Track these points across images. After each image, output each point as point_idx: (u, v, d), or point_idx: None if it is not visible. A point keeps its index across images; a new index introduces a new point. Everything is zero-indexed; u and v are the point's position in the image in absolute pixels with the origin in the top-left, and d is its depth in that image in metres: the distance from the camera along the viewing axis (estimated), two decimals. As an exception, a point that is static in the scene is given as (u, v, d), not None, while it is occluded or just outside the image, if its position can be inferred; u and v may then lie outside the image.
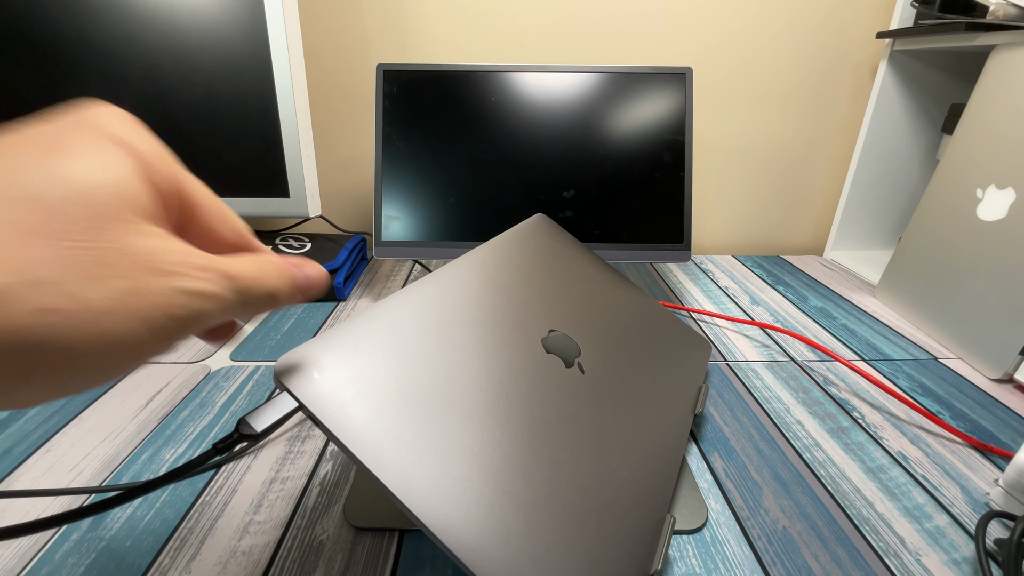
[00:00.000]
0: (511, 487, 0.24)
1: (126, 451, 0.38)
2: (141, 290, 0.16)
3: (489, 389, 0.27)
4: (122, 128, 0.18)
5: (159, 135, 0.19)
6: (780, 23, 0.73)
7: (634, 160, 0.59)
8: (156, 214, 0.18)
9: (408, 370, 0.25)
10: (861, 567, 0.30)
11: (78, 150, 0.17)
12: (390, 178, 0.59)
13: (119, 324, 0.16)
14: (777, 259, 0.79)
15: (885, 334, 0.57)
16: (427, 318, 0.28)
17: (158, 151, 0.19)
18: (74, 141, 0.17)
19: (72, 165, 0.16)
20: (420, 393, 0.25)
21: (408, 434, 0.23)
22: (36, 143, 0.16)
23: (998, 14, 0.54)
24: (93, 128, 0.18)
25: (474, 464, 0.24)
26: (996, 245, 0.50)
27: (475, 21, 0.72)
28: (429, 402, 0.25)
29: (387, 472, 0.21)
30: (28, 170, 0.15)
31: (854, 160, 0.75)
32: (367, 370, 0.24)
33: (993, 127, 0.53)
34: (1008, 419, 0.43)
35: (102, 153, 0.17)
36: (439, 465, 0.23)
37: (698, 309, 0.59)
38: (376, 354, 0.25)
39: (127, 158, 0.18)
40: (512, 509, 0.23)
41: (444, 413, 0.25)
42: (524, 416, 0.27)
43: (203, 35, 0.56)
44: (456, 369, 0.27)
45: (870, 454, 0.39)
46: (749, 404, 0.45)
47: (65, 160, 0.16)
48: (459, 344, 0.28)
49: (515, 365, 0.29)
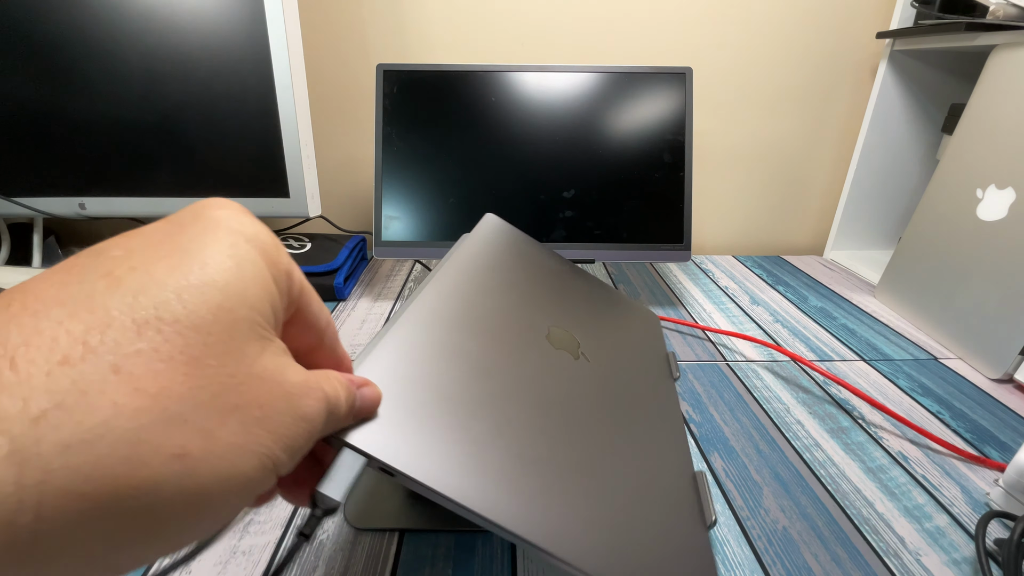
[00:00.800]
0: (579, 483, 0.25)
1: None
2: (269, 419, 0.15)
3: (528, 398, 0.28)
4: (245, 221, 0.17)
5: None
6: (780, 23, 0.73)
7: (634, 160, 0.59)
8: (279, 317, 0.17)
9: (453, 391, 0.25)
10: (861, 567, 0.30)
11: (210, 253, 0.15)
12: (390, 178, 0.59)
13: (243, 461, 0.14)
14: (777, 259, 0.79)
15: (885, 334, 0.57)
16: (444, 336, 0.27)
17: (276, 241, 0.17)
18: (205, 243, 0.15)
19: (206, 273, 0.14)
20: (471, 411, 0.24)
21: (479, 458, 0.23)
22: (163, 249, 0.15)
23: (998, 14, 0.54)
24: (217, 225, 0.16)
25: (543, 471, 0.24)
26: (996, 245, 0.50)
27: (475, 21, 0.72)
28: (483, 418, 0.24)
29: (487, 505, 0.21)
30: (159, 283, 0.13)
31: (854, 160, 0.75)
32: (416, 401, 0.23)
33: (993, 127, 0.53)
34: (1008, 419, 0.43)
35: (235, 252, 0.15)
36: (519, 480, 0.23)
37: (714, 328, 0.58)
38: (416, 383, 0.24)
39: (258, 257, 0.16)
40: (589, 504, 0.24)
41: (499, 427, 0.25)
42: (564, 415, 0.28)
43: (203, 35, 0.56)
44: (495, 382, 0.27)
45: (870, 454, 0.39)
46: (749, 404, 0.45)
47: (197, 267, 0.14)
48: (487, 357, 0.28)
49: (540, 369, 0.30)
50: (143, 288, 0.13)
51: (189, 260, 0.14)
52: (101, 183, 0.60)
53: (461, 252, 0.35)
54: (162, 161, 0.59)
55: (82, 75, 0.56)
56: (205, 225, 0.16)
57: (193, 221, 0.16)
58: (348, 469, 0.19)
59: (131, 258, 0.14)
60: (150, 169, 0.60)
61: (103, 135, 0.58)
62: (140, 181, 0.60)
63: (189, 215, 0.16)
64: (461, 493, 0.21)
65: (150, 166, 0.59)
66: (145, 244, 0.15)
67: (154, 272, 0.14)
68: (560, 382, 0.30)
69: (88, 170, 0.60)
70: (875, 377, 0.49)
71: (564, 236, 0.59)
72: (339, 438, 0.19)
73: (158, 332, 0.13)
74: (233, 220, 0.16)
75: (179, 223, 0.16)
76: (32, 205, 0.60)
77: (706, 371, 0.49)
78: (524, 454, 0.24)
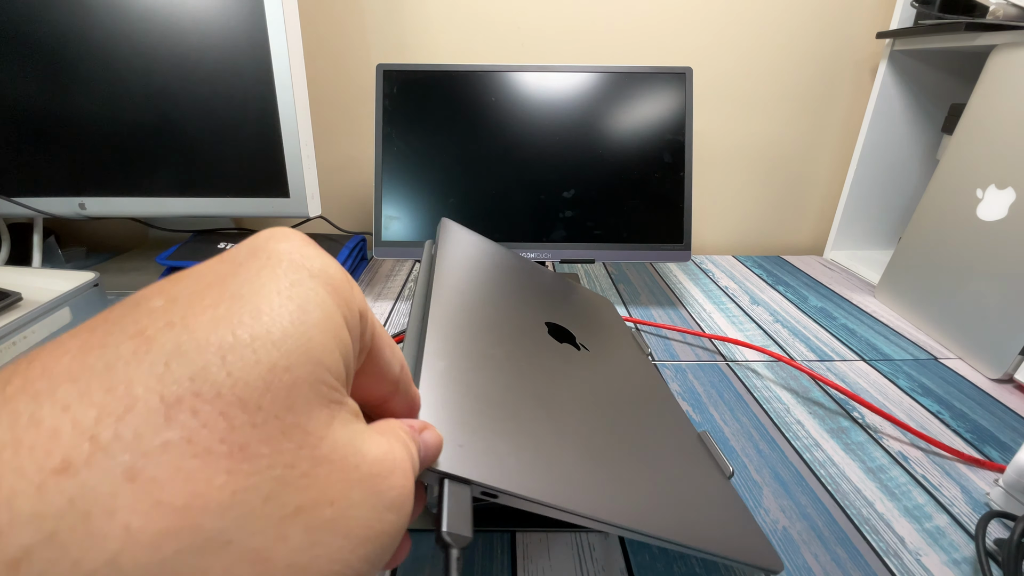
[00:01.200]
0: (631, 463, 0.26)
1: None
2: (344, 519, 0.12)
3: (562, 393, 0.29)
4: (310, 254, 0.14)
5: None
6: (780, 23, 0.73)
7: (634, 160, 0.59)
8: (351, 369, 0.14)
9: (504, 400, 0.25)
10: (861, 567, 0.30)
11: (266, 296, 0.12)
12: (390, 178, 0.59)
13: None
14: (777, 259, 0.79)
15: (885, 334, 0.57)
16: (471, 347, 0.27)
17: (347, 275, 0.15)
18: (261, 284, 0.12)
19: (259, 323, 0.11)
20: (529, 416, 0.25)
21: (558, 461, 0.23)
22: (211, 296, 0.12)
23: (998, 14, 0.54)
24: (277, 260, 0.13)
25: (604, 458, 0.25)
26: (996, 245, 0.50)
27: (475, 21, 0.72)
28: (540, 420, 0.25)
29: (590, 506, 0.21)
30: (200, 343, 0.11)
31: (854, 160, 0.75)
32: (483, 417, 0.22)
33: (993, 127, 0.53)
34: (1008, 419, 0.43)
35: (297, 292, 0.13)
36: (593, 473, 0.24)
37: (722, 336, 0.58)
38: (472, 400, 0.23)
39: (327, 295, 0.13)
40: (647, 480, 0.26)
41: (557, 427, 0.25)
42: (593, 403, 0.30)
43: (203, 35, 0.56)
44: (530, 384, 0.28)
45: (870, 454, 0.39)
46: (749, 404, 0.45)
47: (248, 317, 0.11)
48: (513, 361, 0.28)
49: (557, 363, 0.31)
50: (179, 350, 0.10)
51: (239, 308, 0.12)
52: (101, 183, 0.60)
53: (446, 264, 0.35)
54: (162, 161, 0.59)
55: (82, 75, 0.56)
56: (263, 262, 0.13)
57: (250, 257, 0.13)
58: (460, 500, 0.18)
59: (171, 310, 0.11)
60: (150, 169, 0.60)
61: (103, 135, 0.58)
62: (140, 181, 0.60)
63: (246, 250, 0.14)
64: (566, 500, 0.21)
65: (150, 166, 0.59)
66: (191, 290, 0.12)
67: (195, 328, 0.11)
68: (576, 373, 0.32)
69: (88, 170, 0.60)
70: (875, 377, 0.49)
71: (564, 236, 0.59)
72: (437, 470, 0.18)
73: (193, 414, 0.10)
74: (296, 253, 0.14)
75: (234, 261, 0.13)
76: (32, 205, 0.60)
77: (706, 371, 0.49)
78: (585, 446, 0.25)
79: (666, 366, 0.50)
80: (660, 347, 0.54)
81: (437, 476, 0.18)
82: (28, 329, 0.47)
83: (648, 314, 0.60)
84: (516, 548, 0.31)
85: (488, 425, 0.22)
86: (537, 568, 0.30)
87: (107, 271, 0.67)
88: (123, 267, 0.69)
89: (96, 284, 0.55)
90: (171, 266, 0.60)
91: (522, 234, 0.59)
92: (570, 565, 0.30)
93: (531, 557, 0.31)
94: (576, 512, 0.21)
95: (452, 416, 0.21)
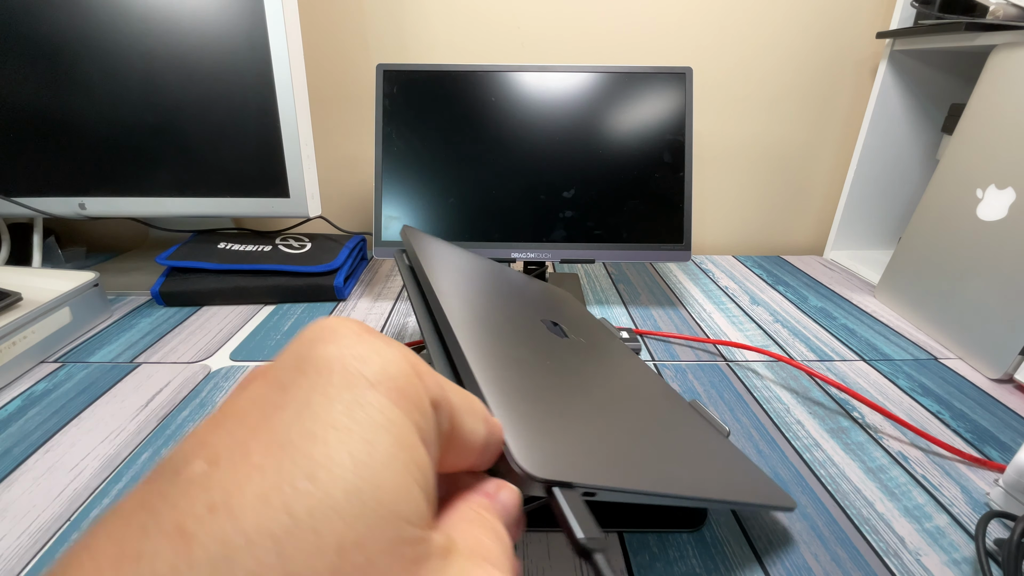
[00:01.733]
0: (664, 440, 0.28)
1: (126, 451, 0.38)
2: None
3: (589, 383, 0.29)
4: (364, 354, 0.12)
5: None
6: (780, 23, 0.73)
7: (634, 160, 0.59)
8: (431, 486, 0.12)
9: (551, 400, 0.25)
10: (861, 567, 0.30)
11: (323, 442, 0.10)
12: (390, 178, 0.59)
13: None
14: (777, 259, 0.79)
15: (885, 334, 0.57)
16: (501, 353, 0.27)
17: (411, 364, 0.13)
18: (314, 420, 0.11)
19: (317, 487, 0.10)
20: (578, 413, 0.25)
21: (623, 448, 0.24)
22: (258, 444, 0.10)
23: (998, 14, 0.54)
24: (329, 375, 0.12)
25: (648, 439, 0.27)
26: (996, 245, 0.50)
27: (475, 21, 0.72)
28: (589, 413, 0.26)
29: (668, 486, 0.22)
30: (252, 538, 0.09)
31: (854, 160, 0.75)
32: (550, 420, 0.22)
33: (993, 127, 0.53)
34: (1008, 419, 0.43)
35: (360, 417, 0.11)
36: (649, 452, 0.25)
37: (723, 341, 0.58)
38: (531, 406, 0.23)
39: (393, 409, 0.12)
40: (678, 452, 0.27)
41: (607, 418, 0.26)
42: (612, 389, 0.31)
43: (203, 35, 0.56)
44: (563, 380, 0.28)
45: (870, 454, 0.39)
46: (749, 404, 0.45)
47: (303, 479, 0.10)
48: (537, 359, 0.28)
49: (569, 356, 0.32)
50: (226, 557, 0.09)
51: (291, 465, 0.10)
52: (101, 183, 0.60)
53: (439, 274, 0.34)
54: (162, 161, 0.59)
55: (82, 75, 0.56)
56: (312, 380, 0.12)
57: (297, 375, 0.12)
58: (576, 504, 0.18)
59: (213, 479, 0.10)
60: (150, 169, 0.60)
61: (103, 135, 0.58)
62: (140, 181, 0.60)
63: (292, 363, 0.12)
64: (652, 484, 0.22)
65: (150, 166, 0.59)
66: (234, 440, 0.10)
67: (242, 512, 0.09)
68: (587, 363, 0.33)
69: (88, 170, 0.60)
70: (875, 377, 0.49)
71: (564, 236, 0.59)
72: (541, 478, 0.18)
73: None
74: (348, 357, 0.12)
75: (279, 383, 0.12)
76: (32, 205, 0.60)
77: (706, 371, 0.49)
78: (630, 430, 0.26)
79: (666, 366, 0.50)
80: (660, 347, 0.54)
81: (543, 485, 0.18)
82: (28, 329, 0.47)
83: (648, 314, 0.60)
84: (516, 548, 0.31)
85: (559, 426, 0.22)
86: (537, 568, 0.30)
87: (107, 271, 0.67)
88: (123, 267, 0.69)
89: (96, 284, 0.55)
90: (171, 266, 0.60)
91: (522, 234, 0.59)
92: (570, 565, 0.30)
93: (531, 557, 0.31)
94: (665, 494, 0.22)
95: (529, 426, 0.21)
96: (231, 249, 0.62)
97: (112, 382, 0.46)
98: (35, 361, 0.48)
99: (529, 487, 0.18)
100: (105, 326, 0.55)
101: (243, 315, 0.58)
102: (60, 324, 0.51)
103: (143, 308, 0.59)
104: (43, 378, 0.46)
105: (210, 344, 0.52)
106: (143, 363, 0.49)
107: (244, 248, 0.63)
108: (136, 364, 0.48)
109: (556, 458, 0.19)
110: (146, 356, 0.50)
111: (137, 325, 0.56)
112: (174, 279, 0.60)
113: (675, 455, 0.27)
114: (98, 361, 0.49)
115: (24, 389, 0.45)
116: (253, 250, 0.63)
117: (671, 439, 0.28)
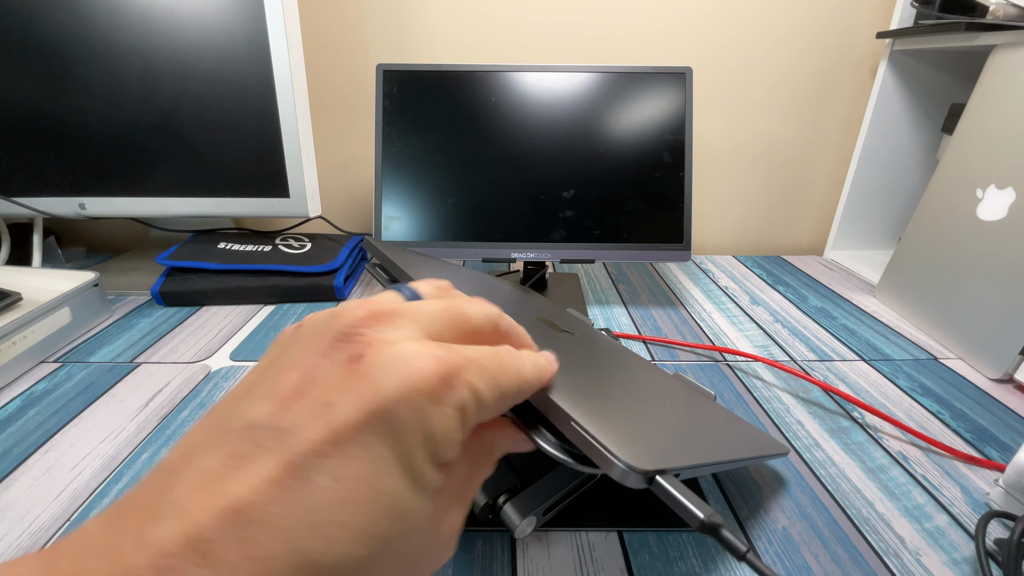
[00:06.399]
0: (676, 415, 0.29)
1: (126, 451, 0.38)
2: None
3: (602, 374, 0.30)
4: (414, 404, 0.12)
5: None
6: (780, 23, 0.73)
7: (634, 160, 0.59)
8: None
9: (595, 391, 0.26)
10: (861, 567, 0.30)
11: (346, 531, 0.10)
12: (390, 178, 0.59)
13: None
14: (777, 259, 0.79)
15: (885, 334, 0.57)
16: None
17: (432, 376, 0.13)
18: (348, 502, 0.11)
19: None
20: (615, 399, 0.26)
21: (666, 430, 0.25)
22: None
23: (998, 14, 0.54)
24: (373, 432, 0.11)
25: (665, 415, 0.28)
26: (996, 245, 0.50)
27: (475, 21, 0.72)
28: (623, 400, 0.27)
29: (710, 455, 0.24)
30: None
31: (854, 160, 0.75)
32: (607, 412, 0.23)
33: (993, 127, 0.53)
34: (1008, 419, 0.43)
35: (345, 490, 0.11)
36: (673, 427, 0.27)
37: (731, 349, 0.58)
38: (589, 400, 0.23)
39: (380, 464, 0.11)
40: (693, 424, 0.29)
41: (635, 404, 0.28)
42: (626, 377, 0.32)
43: (203, 35, 0.56)
44: (595, 373, 0.29)
45: (870, 454, 0.39)
46: (749, 404, 0.45)
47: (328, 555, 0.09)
48: (565, 360, 0.28)
49: (580, 352, 0.33)
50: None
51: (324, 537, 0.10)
52: (101, 183, 0.60)
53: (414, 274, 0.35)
54: (162, 161, 0.59)
55: (82, 75, 0.56)
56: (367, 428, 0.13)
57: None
58: (680, 487, 0.18)
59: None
60: (150, 169, 0.60)
61: (103, 135, 0.58)
62: (140, 181, 0.60)
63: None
64: (707, 456, 0.23)
65: (150, 166, 0.59)
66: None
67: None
68: (591, 353, 0.34)
69: (88, 170, 0.60)
70: (875, 377, 0.49)
71: (564, 236, 0.59)
72: (640, 469, 0.18)
73: None
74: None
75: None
76: (32, 205, 0.60)
77: (706, 371, 0.49)
78: (660, 412, 0.28)
79: (666, 366, 0.50)
80: (660, 348, 0.54)
81: (644, 477, 0.18)
82: (28, 329, 0.47)
83: (648, 314, 0.60)
84: (516, 548, 0.31)
85: (626, 419, 0.23)
86: (537, 568, 0.30)
87: (107, 271, 0.67)
88: (123, 267, 0.69)
89: (96, 284, 0.55)
90: (171, 266, 0.60)
91: (522, 234, 0.59)
92: (570, 565, 0.30)
93: (531, 557, 0.31)
94: (718, 462, 0.23)
95: (612, 424, 0.21)
96: (231, 249, 0.62)
97: (112, 382, 0.46)
98: (35, 361, 0.48)
99: (632, 481, 0.18)
100: (105, 326, 0.55)
101: (243, 315, 0.58)
102: (60, 324, 0.51)
103: (143, 308, 0.59)
104: (43, 378, 0.46)
105: (210, 344, 0.52)
106: (143, 363, 0.49)
107: (244, 248, 0.63)
108: (136, 364, 0.48)
109: (646, 449, 0.20)
110: (146, 356, 0.50)
111: (137, 325, 0.56)
112: (174, 279, 0.60)
113: (701, 426, 0.29)
114: (98, 361, 0.49)
115: (24, 389, 0.45)
116: (253, 250, 0.63)
117: (691, 413, 0.31)
